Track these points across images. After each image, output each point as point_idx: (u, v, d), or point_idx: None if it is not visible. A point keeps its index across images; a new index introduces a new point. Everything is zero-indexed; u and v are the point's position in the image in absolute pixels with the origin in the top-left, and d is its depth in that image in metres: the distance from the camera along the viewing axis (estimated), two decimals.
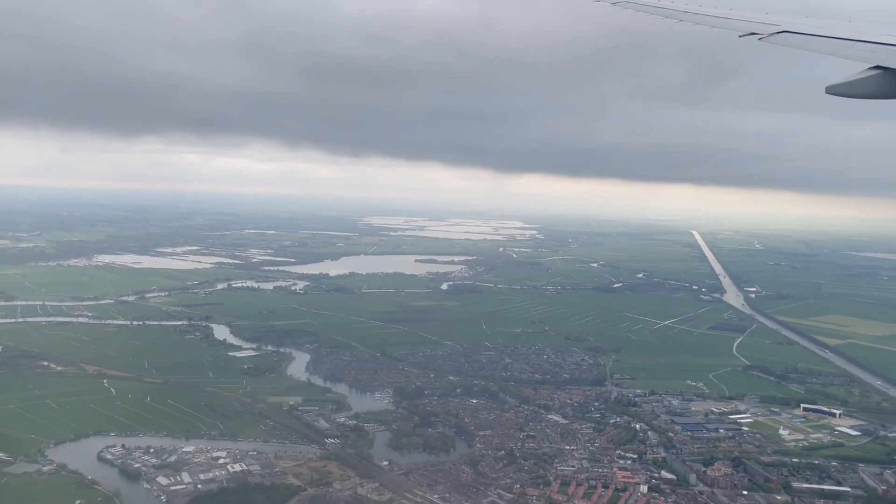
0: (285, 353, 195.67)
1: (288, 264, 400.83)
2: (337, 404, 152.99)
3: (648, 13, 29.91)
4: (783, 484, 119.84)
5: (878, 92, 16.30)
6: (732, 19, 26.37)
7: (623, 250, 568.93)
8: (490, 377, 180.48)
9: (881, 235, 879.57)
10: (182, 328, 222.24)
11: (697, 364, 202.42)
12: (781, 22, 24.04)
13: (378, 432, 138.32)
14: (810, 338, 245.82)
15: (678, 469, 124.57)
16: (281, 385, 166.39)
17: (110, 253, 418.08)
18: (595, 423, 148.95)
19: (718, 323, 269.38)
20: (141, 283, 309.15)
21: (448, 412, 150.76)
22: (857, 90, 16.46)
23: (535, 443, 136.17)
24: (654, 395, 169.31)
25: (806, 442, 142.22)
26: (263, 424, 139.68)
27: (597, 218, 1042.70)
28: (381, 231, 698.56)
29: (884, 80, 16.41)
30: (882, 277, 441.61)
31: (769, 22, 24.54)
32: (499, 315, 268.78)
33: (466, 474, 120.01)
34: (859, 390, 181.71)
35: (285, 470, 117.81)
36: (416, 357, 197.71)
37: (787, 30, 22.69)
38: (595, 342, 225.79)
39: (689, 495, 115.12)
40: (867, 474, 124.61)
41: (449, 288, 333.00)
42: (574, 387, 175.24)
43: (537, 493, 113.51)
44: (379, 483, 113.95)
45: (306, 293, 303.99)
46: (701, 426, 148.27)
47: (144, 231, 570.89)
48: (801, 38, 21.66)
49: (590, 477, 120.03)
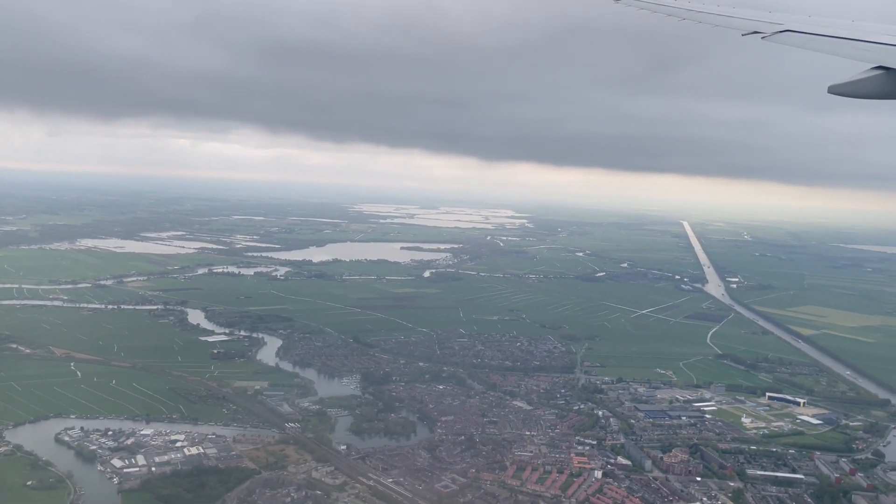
0: (257, 339, 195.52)
1: (272, 250, 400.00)
2: (303, 389, 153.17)
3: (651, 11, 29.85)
4: (738, 471, 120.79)
5: (881, 92, 16.10)
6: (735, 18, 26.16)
7: (611, 240, 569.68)
8: (460, 364, 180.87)
9: (870, 227, 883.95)
10: (156, 312, 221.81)
11: (669, 353, 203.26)
12: (784, 21, 23.89)
13: (341, 417, 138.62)
14: (785, 328, 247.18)
15: (635, 455, 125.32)
16: (249, 370, 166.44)
17: (94, 237, 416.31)
18: (559, 409, 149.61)
19: (696, 312, 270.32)
20: (121, 267, 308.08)
21: (413, 398, 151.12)
22: (860, 90, 16.21)
23: (497, 428, 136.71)
24: (621, 383, 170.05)
25: (767, 430, 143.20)
26: (226, 408, 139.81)
27: (589, 208, 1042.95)
28: (370, 218, 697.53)
29: (887, 80, 16.16)
30: (866, 269, 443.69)
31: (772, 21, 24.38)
32: (477, 303, 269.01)
33: (423, 459, 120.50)
34: (827, 380, 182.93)
35: (242, 453, 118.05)
36: (388, 343, 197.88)
37: (789, 29, 22.45)
38: (570, 330, 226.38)
39: (642, 481, 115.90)
40: (823, 462, 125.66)
41: (431, 275, 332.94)
42: (543, 374, 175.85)
43: (492, 477, 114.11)
44: (334, 467, 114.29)
45: (287, 279, 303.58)
46: (664, 413, 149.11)
47: (132, 216, 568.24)
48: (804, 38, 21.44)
49: (546, 462, 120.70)
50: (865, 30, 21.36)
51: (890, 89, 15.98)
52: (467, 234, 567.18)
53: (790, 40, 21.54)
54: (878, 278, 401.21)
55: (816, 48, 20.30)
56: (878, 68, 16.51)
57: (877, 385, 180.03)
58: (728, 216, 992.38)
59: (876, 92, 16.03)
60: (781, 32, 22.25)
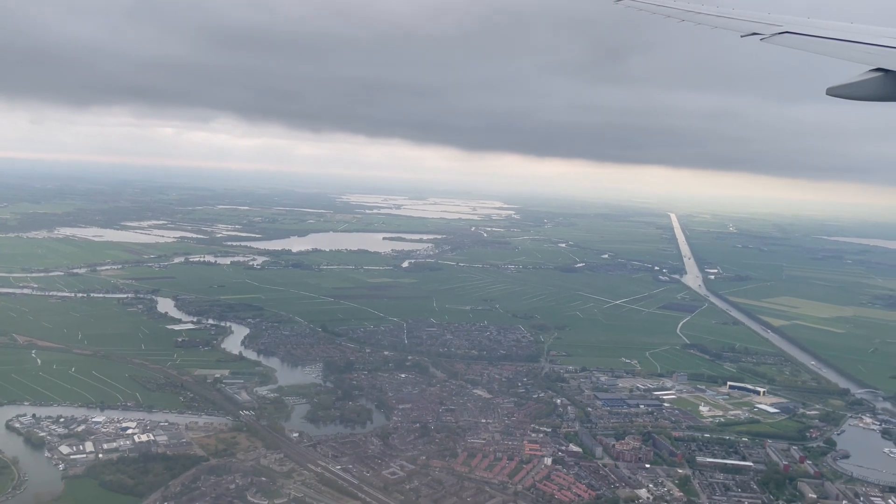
0: (224, 327, 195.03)
1: (253, 240, 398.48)
2: (263, 378, 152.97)
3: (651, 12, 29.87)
4: (688, 458, 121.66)
5: (879, 94, 16.09)
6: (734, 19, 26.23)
7: (596, 231, 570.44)
8: (426, 352, 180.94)
9: (856, 220, 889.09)
10: (126, 301, 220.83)
11: (638, 342, 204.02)
12: (783, 22, 23.88)
13: (298, 405, 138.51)
14: (757, 318, 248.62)
15: (587, 443, 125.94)
16: (212, 358, 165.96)
17: (73, 226, 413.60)
18: (518, 397, 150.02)
19: (670, 303, 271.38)
20: (96, 255, 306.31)
21: (373, 386, 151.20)
22: (858, 92, 16.24)
23: (453, 416, 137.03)
24: (584, 372, 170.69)
25: (723, 418, 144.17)
26: (183, 396, 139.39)
27: (578, 199, 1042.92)
28: (356, 209, 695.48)
29: (885, 82, 16.18)
30: (846, 261, 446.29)
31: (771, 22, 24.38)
32: (453, 293, 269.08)
33: (375, 446, 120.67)
34: (791, 370, 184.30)
35: (193, 440, 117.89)
36: (356, 333, 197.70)
37: (788, 30, 22.52)
38: (541, 320, 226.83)
39: (591, 468, 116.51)
40: (774, 450, 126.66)
41: (409, 266, 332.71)
42: (508, 363, 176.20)
43: (441, 464, 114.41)
44: (284, 454, 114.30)
45: (263, 268, 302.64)
46: (622, 402, 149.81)
47: (114, 205, 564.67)
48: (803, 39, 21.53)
49: (498, 449, 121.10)
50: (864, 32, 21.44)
51: (888, 91, 16.07)
52: (452, 225, 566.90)
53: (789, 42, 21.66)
54: (857, 270, 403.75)
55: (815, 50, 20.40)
56: (876, 70, 16.57)
57: (840, 375, 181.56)
58: (716, 208, 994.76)
59: (874, 94, 16.10)
60: (780, 34, 22.35)
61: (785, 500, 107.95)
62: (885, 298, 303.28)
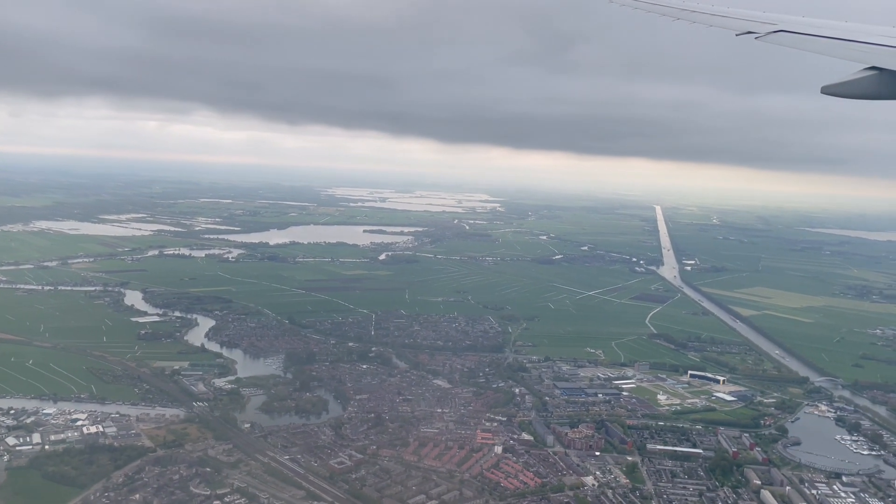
0: (190, 319, 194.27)
1: (231, 233, 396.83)
2: (223, 369, 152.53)
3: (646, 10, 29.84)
4: (638, 445, 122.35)
5: (874, 93, 16.11)
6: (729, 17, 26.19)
7: (579, 224, 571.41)
8: (391, 344, 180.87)
9: (841, 212, 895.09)
10: (93, 294, 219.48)
11: (605, 333, 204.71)
12: (779, 21, 23.92)
13: (254, 396, 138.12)
14: (727, 309, 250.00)
15: (539, 431, 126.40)
16: (173, 350, 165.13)
17: (50, 219, 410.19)
18: (478, 387, 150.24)
19: (643, 294, 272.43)
20: (70, 249, 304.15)
21: (333, 377, 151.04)
22: (853, 90, 16.28)
23: (410, 406, 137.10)
24: (547, 362, 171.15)
25: (680, 407, 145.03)
26: (138, 388, 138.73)
27: (564, 192, 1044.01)
28: (341, 202, 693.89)
29: (879, 80, 16.20)
30: (824, 252, 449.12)
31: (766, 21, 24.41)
32: (426, 284, 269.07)
33: (327, 436, 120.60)
34: (754, 358, 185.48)
35: (143, 432, 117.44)
36: (323, 325, 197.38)
37: (783, 29, 22.59)
38: (512, 311, 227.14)
39: (541, 456, 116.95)
40: (725, 437, 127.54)
41: (386, 258, 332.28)
42: (472, 353, 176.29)
43: (391, 453, 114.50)
44: (233, 445, 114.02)
45: (238, 261, 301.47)
46: (581, 391, 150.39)
47: (95, 198, 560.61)
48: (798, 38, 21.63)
49: (450, 438, 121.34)
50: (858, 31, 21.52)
51: (882, 90, 16.12)
52: (435, 218, 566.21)
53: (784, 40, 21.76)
54: (834, 261, 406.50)
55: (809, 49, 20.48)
56: (871, 69, 16.58)
57: (802, 363, 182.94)
58: (702, 200, 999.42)
59: (869, 92, 16.15)
60: (775, 33, 22.43)
61: (730, 486, 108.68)
62: (857, 288, 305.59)
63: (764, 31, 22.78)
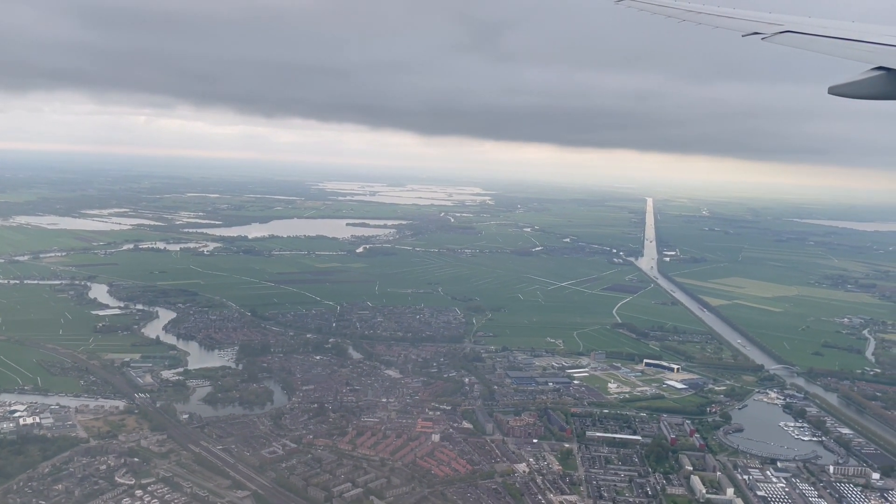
0: (151, 312, 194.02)
1: (212, 227, 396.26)
2: (173, 361, 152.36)
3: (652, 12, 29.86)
4: (578, 433, 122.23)
5: (881, 93, 15.99)
6: (735, 18, 26.14)
7: (566, 216, 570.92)
8: (349, 335, 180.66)
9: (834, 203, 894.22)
10: (58, 287, 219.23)
11: (569, 322, 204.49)
12: (785, 22, 23.76)
13: (200, 388, 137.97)
14: (697, 299, 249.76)
15: (481, 420, 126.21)
16: (127, 343, 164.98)
17: (32, 214, 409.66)
18: (429, 377, 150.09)
19: (616, 285, 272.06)
20: (45, 243, 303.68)
21: (283, 368, 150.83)
22: (860, 91, 16.18)
23: (356, 396, 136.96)
24: (504, 351, 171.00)
25: (629, 395, 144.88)
26: (84, 380, 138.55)
27: (557, 185, 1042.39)
28: (330, 196, 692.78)
29: (887, 80, 16.08)
30: (808, 243, 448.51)
31: (772, 21, 24.24)
32: (400, 276, 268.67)
33: (265, 426, 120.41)
34: (714, 347, 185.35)
35: (80, 423, 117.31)
36: (285, 316, 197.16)
37: (790, 30, 22.46)
38: (480, 302, 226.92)
39: (478, 443, 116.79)
40: (666, 424, 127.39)
41: (364, 251, 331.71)
42: (431, 344, 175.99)
43: (326, 442, 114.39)
44: (167, 435, 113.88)
45: (212, 255, 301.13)
46: (531, 380, 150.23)
47: (81, 193, 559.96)
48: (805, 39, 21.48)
49: (389, 427, 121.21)
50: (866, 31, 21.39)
51: (890, 90, 16.01)
52: (422, 211, 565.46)
53: (790, 41, 21.66)
54: (817, 251, 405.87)
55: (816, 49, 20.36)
56: (878, 69, 16.47)
57: (762, 352, 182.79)
58: (695, 193, 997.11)
59: (876, 92, 16.02)
60: (782, 33, 22.33)
61: (662, 472, 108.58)
62: (833, 278, 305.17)
63: (770, 31, 22.72)
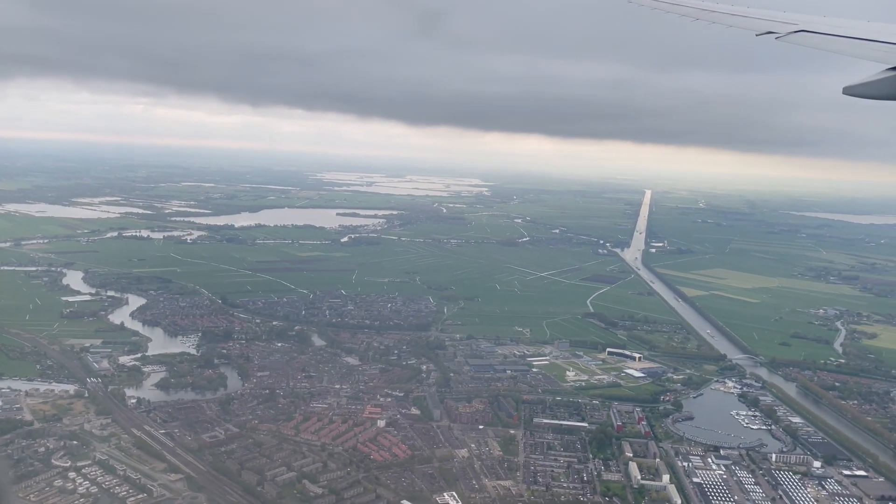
0: (121, 299, 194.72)
1: (201, 215, 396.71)
2: (133, 347, 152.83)
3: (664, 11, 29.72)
4: (526, 420, 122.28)
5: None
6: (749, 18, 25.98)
7: (560, 207, 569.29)
8: (317, 322, 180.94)
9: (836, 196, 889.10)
10: (33, 273, 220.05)
11: (541, 312, 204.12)
12: (799, 21, 23.61)
13: (155, 373, 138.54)
14: (675, 289, 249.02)
15: (430, 406, 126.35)
16: (91, 328, 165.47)
17: (21, 202, 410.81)
18: (388, 364, 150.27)
19: (595, 275, 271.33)
20: (29, 230, 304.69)
21: (241, 355, 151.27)
22: (875, 91, 15.98)
23: (309, 382, 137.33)
24: (469, 340, 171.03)
25: (585, 383, 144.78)
26: (41, 364, 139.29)
27: (556, 177, 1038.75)
28: (326, 186, 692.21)
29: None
30: (800, 235, 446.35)
31: (786, 21, 24.11)
32: (380, 266, 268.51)
33: (212, 411, 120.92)
34: (682, 337, 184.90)
35: (28, 407, 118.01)
36: (256, 304, 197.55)
37: (804, 29, 22.30)
38: (455, 291, 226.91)
39: (423, 429, 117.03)
40: (616, 412, 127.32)
41: (349, 240, 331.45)
42: (397, 332, 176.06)
43: (270, 427, 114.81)
44: (112, 419, 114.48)
45: (196, 243, 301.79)
46: (490, 367, 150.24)
47: (76, 181, 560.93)
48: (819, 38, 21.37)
49: (336, 413, 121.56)
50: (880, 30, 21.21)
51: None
52: (416, 202, 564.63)
53: (805, 40, 21.50)
54: (806, 243, 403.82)
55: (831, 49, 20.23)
56: (893, 69, 16.29)
57: (730, 342, 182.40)
58: (695, 185, 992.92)
59: (891, 93, 15.79)
60: (796, 32, 22.18)
61: (602, 458, 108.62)
62: (817, 270, 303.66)
63: (784, 31, 22.55)
